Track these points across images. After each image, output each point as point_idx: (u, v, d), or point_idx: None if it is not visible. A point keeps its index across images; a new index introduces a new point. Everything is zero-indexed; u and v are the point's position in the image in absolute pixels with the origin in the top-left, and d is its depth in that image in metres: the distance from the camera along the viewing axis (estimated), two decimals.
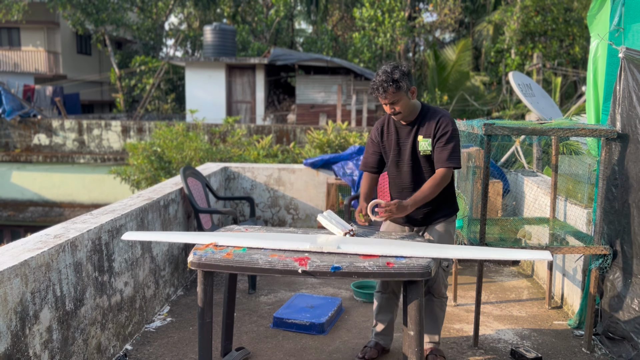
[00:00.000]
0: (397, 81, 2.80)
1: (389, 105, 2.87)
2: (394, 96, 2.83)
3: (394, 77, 2.80)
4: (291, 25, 26.90)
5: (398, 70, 2.82)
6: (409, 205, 2.80)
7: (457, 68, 20.05)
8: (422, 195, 2.83)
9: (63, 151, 16.14)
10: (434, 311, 3.18)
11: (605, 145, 3.25)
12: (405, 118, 2.95)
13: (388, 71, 2.82)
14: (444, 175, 2.86)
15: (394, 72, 2.81)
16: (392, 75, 2.80)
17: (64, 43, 24.59)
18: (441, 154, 2.87)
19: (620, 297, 3.22)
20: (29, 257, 2.43)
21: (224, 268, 2.55)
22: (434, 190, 2.85)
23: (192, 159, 9.11)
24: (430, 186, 2.84)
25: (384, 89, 2.82)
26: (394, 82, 2.80)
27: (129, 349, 3.35)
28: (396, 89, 2.81)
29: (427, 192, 2.84)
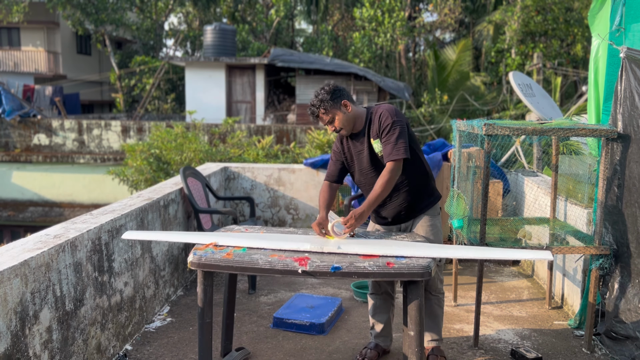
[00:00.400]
0: (322, 101, 2.85)
1: (329, 125, 2.92)
2: (327, 116, 2.88)
3: (319, 98, 2.86)
4: (291, 25, 26.90)
5: (323, 90, 2.88)
6: (364, 211, 2.77)
7: (457, 68, 20.05)
8: (375, 195, 2.78)
9: (63, 151, 16.13)
10: (432, 308, 3.16)
11: (606, 145, 3.25)
12: (352, 130, 2.96)
13: (315, 94, 2.89)
14: (392, 169, 2.79)
15: (319, 94, 2.87)
16: (318, 97, 2.87)
17: (64, 43, 24.60)
18: (386, 149, 2.83)
19: (625, 297, 3.22)
20: (29, 257, 2.43)
21: (224, 268, 2.55)
22: (386, 187, 2.78)
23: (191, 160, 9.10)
24: (380, 184, 2.78)
25: (313, 113, 2.90)
26: (321, 102, 2.85)
27: (128, 349, 3.35)
28: (324, 109, 2.86)
29: (379, 190, 2.78)
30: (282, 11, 22.71)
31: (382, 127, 2.84)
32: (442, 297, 3.19)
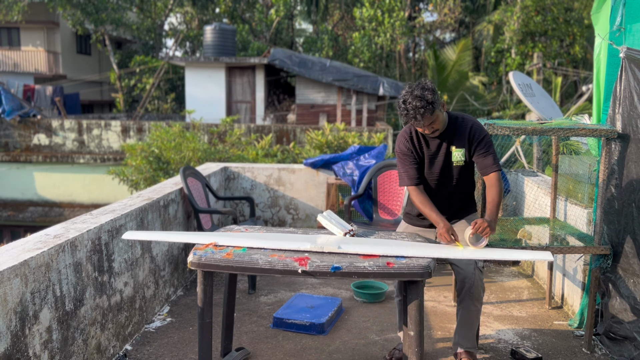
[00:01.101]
0: (432, 103, 2.71)
1: (427, 127, 2.80)
2: (431, 118, 2.75)
3: (428, 100, 2.69)
4: (291, 25, 26.90)
5: (428, 90, 2.72)
6: (492, 221, 2.73)
7: (457, 68, 20.06)
8: (495, 204, 2.80)
9: (63, 151, 16.13)
10: (471, 319, 3.01)
11: (606, 145, 3.25)
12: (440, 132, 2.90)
13: (419, 95, 2.70)
14: (499, 179, 2.85)
15: (426, 95, 2.70)
16: (425, 98, 2.69)
17: (64, 43, 24.60)
18: (486, 160, 2.85)
19: (624, 298, 3.22)
20: (29, 257, 2.43)
21: (224, 268, 2.55)
22: (501, 194, 2.83)
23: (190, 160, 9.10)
24: (496, 192, 2.83)
25: (421, 115, 2.71)
26: (430, 104, 2.70)
27: (128, 349, 3.35)
28: (433, 109, 2.72)
29: (497, 198, 2.81)
30: (282, 11, 22.71)
31: (478, 139, 2.87)
32: (480, 308, 3.04)
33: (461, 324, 3.04)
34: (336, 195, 5.51)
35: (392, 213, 4.85)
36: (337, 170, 5.51)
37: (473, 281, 2.94)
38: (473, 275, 2.93)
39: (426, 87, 2.73)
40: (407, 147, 2.96)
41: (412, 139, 2.96)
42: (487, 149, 2.86)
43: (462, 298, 3.00)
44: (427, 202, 2.91)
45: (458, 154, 2.90)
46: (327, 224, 2.99)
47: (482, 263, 2.99)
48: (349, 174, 5.36)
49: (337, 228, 2.95)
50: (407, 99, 2.72)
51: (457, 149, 2.89)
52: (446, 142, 2.91)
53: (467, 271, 2.93)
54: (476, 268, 2.94)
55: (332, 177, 5.75)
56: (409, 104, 2.71)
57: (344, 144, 9.15)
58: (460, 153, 2.90)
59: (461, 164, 2.92)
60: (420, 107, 2.69)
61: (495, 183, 2.84)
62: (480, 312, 3.06)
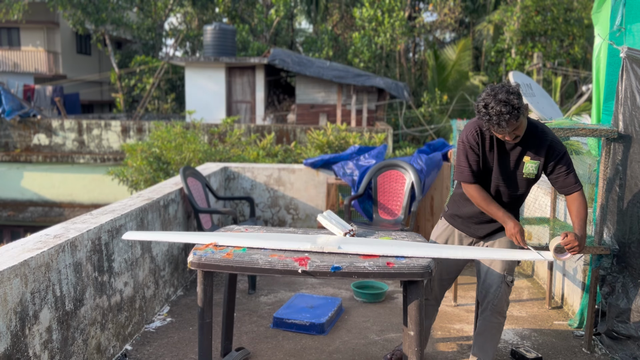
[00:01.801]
0: (519, 108, 2.44)
1: (509, 134, 2.52)
2: (515, 124, 2.47)
3: (514, 105, 2.42)
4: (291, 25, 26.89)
5: (514, 94, 2.44)
6: (582, 237, 2.54)
7: (457, 68, 20.06)
8: (584, 220, 2.61)
9: (63, 151, 16.13)
10: (492, 332, 2.89)
11: (606, 145, 3.24)
12: None
13: (504, 100, 2.42)
14: (583, 195, 2.66)
15: (512, 99, 2.42)
16: (512, 104, 2.42)
17: (64, 43, 24.59)
18: (568, 179, 2.63)
19: (627, 297, 3.22)
20: (29, 257, 2.43)
21: (224, 268, 2.55)
22: (587, 211, 2.66)
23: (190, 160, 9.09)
24: (584, 208, 2.63)
25: (506, 121, 2.43)
26: (515, 110, 2.42)
27: (128, 349, 3.35)
28: (516, 117, 2.45)
29: (584, 213, 2.63)
30: (282, 11, 22.70)
31: (558, 156, 2.62)
32: (503, 322, 2.90)
33: (480, 334, 2.94)
34: (336, 195, 5.50)
35: (392, 213, 4.85)
36: (337, 170, 5.51)
37: (499, 294, 2.83)
38: (499, 288, 2.82)
39: (512, 91, 2.45)
40: (476, 139, 2.65)
41: (484, 134, 2.66)
42: (568, 167, 2.63)
43: (485, 309, 2.89)
44: (492, 200, 2.68)
45: (532, 166, 2.65)
46: (327, 224, 2.99)
47: (511, 277, 2.85)
48: (349, 174, 5.36)
49: (337, 228, 2.95)
50: (489, 103, 2.45)
51: (532, 161, 2.64)
52: (521, 150, 2.65)
53: (494, 283, 2.83)
54: (504, 282, 2.82)
55: (332, 177, 5.75)
56: (492, 108, 2.43)
57: (345, 144, 9.15)
58: (534, 166, 2.64)
59: (531, 177, 2.68)
60: (506, 112, 2.41)
61: (582, 200, 2.64)
62: (502, 327, 2.92)
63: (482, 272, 2.88)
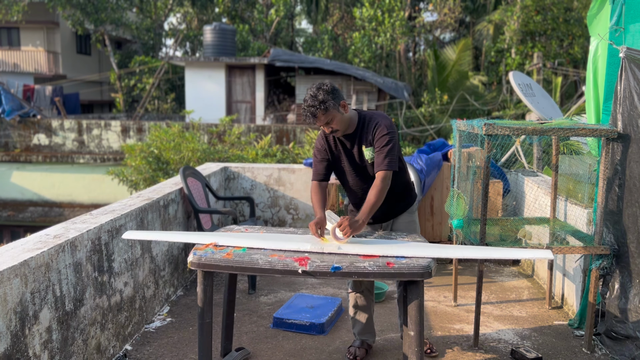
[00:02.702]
0: (324, 102, 2.80)
1: (325, 126, 2.88)
2: (326, 117, 2.82)
3: (320, 99, 2.79)
4: (291, 25, 26.89)
5: (322, 90, 2.81)
6: (361, 220, 2.76)
7: (457, 68, 20.06)
8: (369, 204, 2.82)
9: (63, 151, 16.13)
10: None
11: (606, 145, 3.25)
12: (344, 132, 2.95)
13: (312, 95, 2.82)
14: (384, 178, 2.85)
15: (318, 94, 2.80)
16: (317, 98, 2.79)
17: (64, 43, 24.59)
18: (378, 158, 2.89)
19: (626, 297, 3.22)
20: (29, 257, 2.43)
21: (224, 268, 2.55)
22: (379, 196, 2.83)
23: (189, 160, 9.09)
24: (374, 193, 2.83)
25: (312, 113, 2.82)
26: (321, 103, 2.79)
27: (128, 349, 3.35)
28: (325, 109, 2.80)
29: (373, 199, 2.82)
30: (282, 11, 22.71)
31: (378, 136, 2.90)
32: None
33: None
34: (336, 195, 5.50)
35: None
36: None
37: None
38: None
39: (321, 87, 2.83)
40: (322, 144, 3.05)
41: (327, 138, 3.04)
42: (382, 149, 2.87)
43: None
44: (316, 198, 2.99)
45: (368, 152, 2.94)
46: (327, 224, 2.99)
47: None
48: None
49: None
50: (305, 99, 2.85)
51: (367, 149, 2.94)
52: (357, 142, 2.97)
53: None
54: None
55: (332, 176, 5.74)
56: (305, 102, 2.84)
57: None
58: (370, 151, 2.93)
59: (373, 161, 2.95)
60: (311, 105, 2.80)
61: (378, 183, 2.84)
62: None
63: None
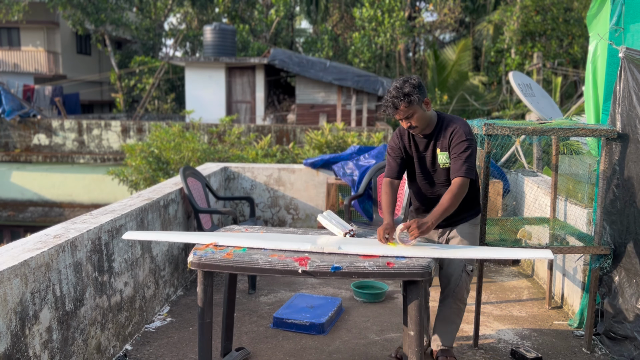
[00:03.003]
0: (409, 95, 2.73)
1: (404, 120, 2.82)
2: (407, 111, 2.76)
3: (405, 92, 2.73)
4: (291, 25, 26.89)
5: (408, 83, 2.76)
6: (430, 222, 2.68)
7: (457, 68, 20.06)
8: (442, 208, 2.73)
9: (63, 151, 16.13)
10: (451, 317, 3.07)
11: (606, 145, 3.25)
12: (422, 131, 2.89)
13: (398, 86, 2.76)
14: (460, 185, 2.76)
15: (404, 87, 2.74)
16: (403, 90, 2.73)
17: (64, 43, 24.59)
18: (455, 164, 2.80)
19: (625, 297, 3.22)
20: (29, 257, 2.43)
21: (224, 268, 2.55)
22: (453, 202, 2.74)
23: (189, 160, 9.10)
24: (448, 198, 2.74)
25: (394, 105, 2.76)
26: (405, 96, 2.73)
27: (128, 349, 3.35)
28: (408, 103, 2.74)
29: (446, 204, 2.73)
30: (282, 11, 22.71)
31: (456, 142, 2.81)
32: (464, 308, 3.08)
33: (441, 320, 3.10)
34: (336, 195, 5.51)
35: None
36: (337, 170, 5.51)
37: (458, 282, 3.00)
38: (460, 277, 3.00)
39: (407, 80, 2.78)
40: (396, 142, 3.01)
41: (403, 137, 3.00)
42: (460, 155, 2.79)
43: (445, 296, 3.06)
44: (386, 199, 2.92)
45: (443, 156, 2.88)
46: (327, 224, 2.99)
47: (471, 267, 3.01)
48: (348, 174, 5.36)
49: (337, 228, 2.95)
50: (389, 90, 2.81)
51: (442, 152, 2.88)
52: (432, 144, 2.91)
53: (455, 272, 3.00)
54: (464, 271, 2.99)
55: (332, 177, 5.75)
56: (388, 93, 2.80)
57: (343, 143, 9.15)
58: (445, 156, 2.87)
59: (447, 166, 2.88)
60: (395, 97, 2.75)
61: (453, 188, 2.76)
62: (463, 312, 3.10)
63: (445, 261, 3.02)
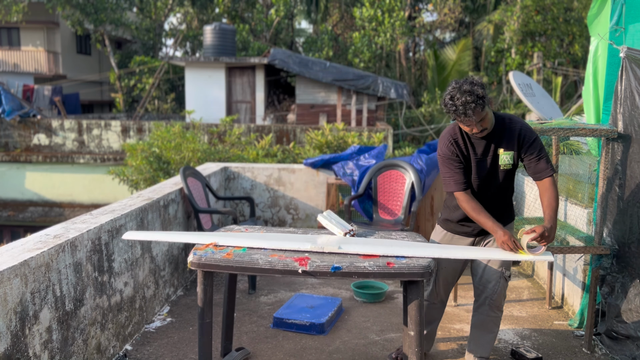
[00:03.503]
0: (483, 97, 2.53)
1: (476, 125, 2.60)
2: (481, 114, 2.56)
3: (478, 94, 2.52)
4: (291, 25, 26.88)
5: (477, 85, 2.54)
6: (553, 225, 2.60)
7: (457, 68, 20.06)
8: (554, 209, 2.65)
9: (63, 151, 16.13)
10: (488, 326, 2.97)
11: (606, 145, 3.25)
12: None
13: (469, 90, 2.52)
14: (555, 183, 2.70)
15: (476, 89, 2.52)
16: (475, 93, 2.51)
17: (64, 43, 24.59)
18: (539, 164, 2.68)
19: (626, 297, 3.22)
20: (29, 257, 2.43)
21: (224, 268, 2.55)
22: (557, 200, 2.68)
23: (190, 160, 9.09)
24: (553, 198, 2.66)
25: (472, 110, 2.52)
26: (480, 99, 2.52)
27: (128, 349, 3.35)
28: (482, 106, 2.54)
29: (555, 204, 2.65)
30: (282, 11, 22.69)
31: (529, 142, 2.69)
32: (500, 316, 2.99)
33: (478, 328, 2.98)
34: (336, 195, 5.51)
35: (392, 213, 4.85)
36: (337, 170, 5.50)
37: (497, 289, 2.88)
38: (498, 284, 2.87)
39: (475, 82, 2.56)
40: (452, 150, 2.74)
41: (457, 142, 2.75)
42: (539, 152, 2.68)
43: (481, 304, 2.94)
44: (481, 209, 2.71)
45: (506, 157, 2.72)
46: (327, 224, 2.99)
47: (509, 272, 2.90)
48: (349, 174, 5.36)
49: (337, 228, 2.95)
50: (454, 95, 2.54)
51: (506, 152, 2.72)
52: (494, 144, 2.72)
53: (492, 279, 2.88)
54: (502, 277, 2.87)
55: (332, 177, 5.74)
56: (458, 99, 2.53)
57: (343, 143, 9.14)
58: (509, 156, 2.72)
59: (508, 167, 2.75)
60: (471, 101, 2.51)
61: (551, 187, 2.67)
62: (500, 321, 2.99)
63: (480, 268, 2.92)
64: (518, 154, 2.73)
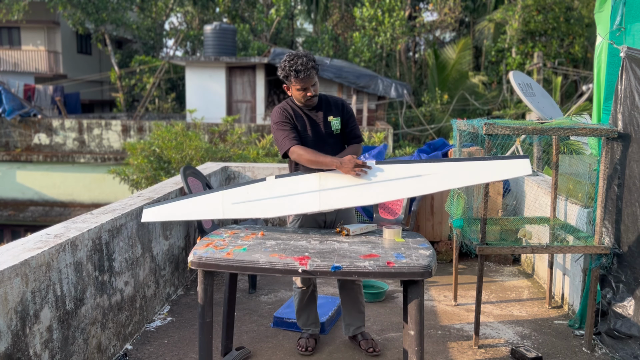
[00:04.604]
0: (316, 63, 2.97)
1: (311, 88, 2.99)
2: (315, 79, 2.98)
3: (314, 60, 2.96)
4: (291, 25, 26.88)
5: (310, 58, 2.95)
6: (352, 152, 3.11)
7: (458, 67, 20.06)
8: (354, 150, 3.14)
9: (63, 151, 16.14)
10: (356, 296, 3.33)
11: (606, 144, 3.25)
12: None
13: (306, 54, 2.94)
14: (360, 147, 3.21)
15: (311, 56, 2.95)
16: (311, 58, 2.94)
17: (64, 42, 24.60)
18: (354, 131, 3.20)
19: (628, 296, 3.22)
20: (30, 257, 2.43)
21: (225, 268, 2.55)
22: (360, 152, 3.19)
23: (192, 159, 9.09)
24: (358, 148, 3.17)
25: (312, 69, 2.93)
26: (315, 62, 2.96)
27: (129, 349, 3.35)
28: (316, 71, 2.98)
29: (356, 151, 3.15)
30: (282, 11, 22.70)
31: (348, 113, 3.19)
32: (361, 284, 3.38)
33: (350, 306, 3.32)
34: None
35: (393, 212, 4.85)
36: None
37: None
38: None
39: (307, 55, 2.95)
40: (285, 115, 3.08)
41: (288, 111, 3.11)
42: (354, 123, 3.22)
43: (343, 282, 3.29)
44: (317, 152, 2.98)
45: (336, 122, 3.14)
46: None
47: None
48: None
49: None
50: (293, 58, 2.93)
51: (335, 118, 3.14)
52: (323, 112, 3.13)
53: None
54: None
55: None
56: (298, 59, 2.91)
57: None
58: (337, 121, 3.15)
59: (337, 132, 3.15)
60: (311, 60, 2.92)
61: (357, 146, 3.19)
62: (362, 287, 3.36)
63: None
64: (342, 121, 3.17)
